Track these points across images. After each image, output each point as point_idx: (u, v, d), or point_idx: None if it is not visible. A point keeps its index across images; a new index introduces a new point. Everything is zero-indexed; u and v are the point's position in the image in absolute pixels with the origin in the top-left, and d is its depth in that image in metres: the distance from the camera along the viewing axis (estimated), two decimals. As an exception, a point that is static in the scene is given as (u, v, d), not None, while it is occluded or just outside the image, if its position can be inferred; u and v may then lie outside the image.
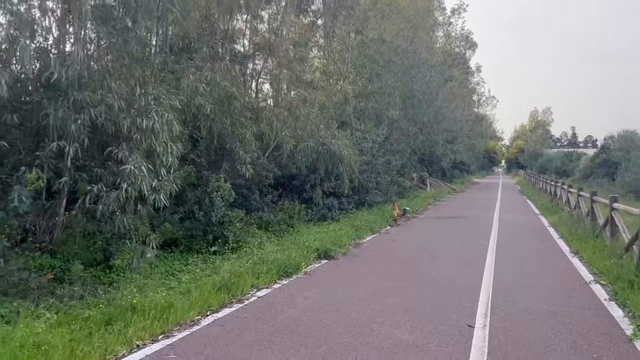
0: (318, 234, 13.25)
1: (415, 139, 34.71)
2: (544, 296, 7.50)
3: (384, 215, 17.69)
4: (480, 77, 62.35)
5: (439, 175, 45.96)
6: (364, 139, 20.35)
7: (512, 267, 9.69)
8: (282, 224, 14.68)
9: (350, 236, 13.20)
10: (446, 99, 41.09)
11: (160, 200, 8.27)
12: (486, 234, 14.37)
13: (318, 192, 15.80)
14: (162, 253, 10.83)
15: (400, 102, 30.78)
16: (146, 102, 8.48)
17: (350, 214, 17.37)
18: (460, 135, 51.06)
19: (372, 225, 15.43)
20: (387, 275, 8.87)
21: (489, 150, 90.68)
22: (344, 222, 15.47)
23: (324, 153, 15.34)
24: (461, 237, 13.97)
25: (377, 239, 13.64)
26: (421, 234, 14.71)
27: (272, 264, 8.93)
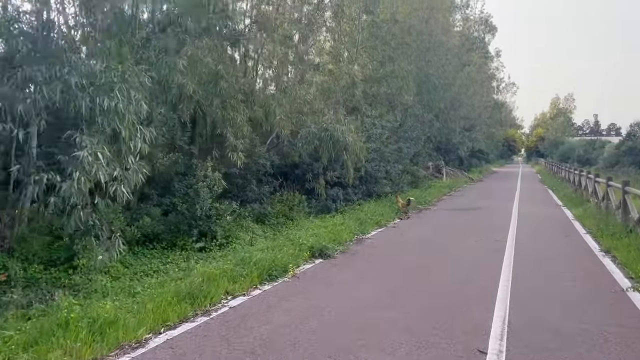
0: (318, 228, 12.08)
1: (431, 126, 33.26)
2: (574, 309, 6.22)
3: (393, 207, 16.42)
4: (500, 62, 60.11)
5: (456, 164, 44.35)
6: (373, 125, 19.02)
7: (533, 270, 8.40)
8: (281, 217, 13.55)
9: (353, 231, 12.00)
10: (464, 85, 39.39)
11: (123, 192, 7.13)
12: (504, 229, 13.04)
13: (321, 182, 14.60)
14: (141, 250, 9.81)
15: (415, 87, 29.38)
16: (108, 78, 7.34)
17: (356, 206, 16.16)
18: (479, 122, 49.25)
19: (379, 218, 14.18)
20: (387, 280, 7.66)
21: (508, 138, 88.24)
22: (349, 215, 14.26)
23: (327, 139, 14.10)
24: (476, 232, 12.67)
25: (382, 234, 12.41)
26: (432, 228, 13.44)
27: (255, 265, 7.78)
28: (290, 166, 15.59)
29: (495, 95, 63.24)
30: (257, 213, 13.19)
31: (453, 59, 33.91)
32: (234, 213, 11.72)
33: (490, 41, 54.83)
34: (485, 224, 14.07)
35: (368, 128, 18.46)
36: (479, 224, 14.25)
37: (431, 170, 36.79)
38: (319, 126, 14.39)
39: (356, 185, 16.92)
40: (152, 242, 10.17)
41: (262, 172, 13.67)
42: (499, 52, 58.79)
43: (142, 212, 10.23)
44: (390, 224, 14.09)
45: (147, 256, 9.61)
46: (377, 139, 18.46)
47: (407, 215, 16.03)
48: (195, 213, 10.16)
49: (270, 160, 13.94)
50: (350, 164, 14.29)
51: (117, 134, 7.53)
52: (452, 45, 34.73)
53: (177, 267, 8.72)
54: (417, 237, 11.89)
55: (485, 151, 56.79)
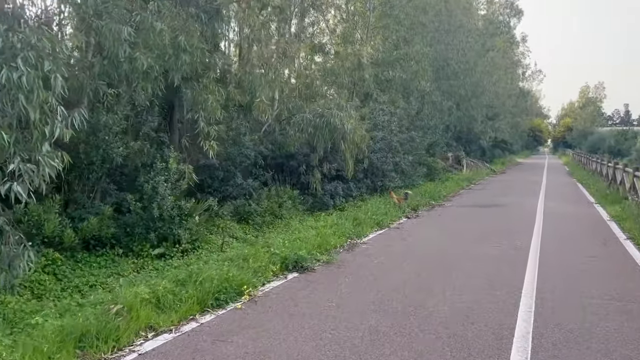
0: (306, 229, 10.35)
1: (450, 114, 31.11)
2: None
3: (403, 204, 14.56)
4: (526, 47, 57.06)
5: (477, 154, 42.04)
6: (381, 111, 17.10)
7: (564, 293, 6.51)
8: (268, 215, 11.84)
9: (346, 233, 10.21)
10: (486, 71, 37.01)
11: (20, 192, 5.46)
12: (527, 231, 11.10)
13: (316, 175, 12.82)
14: (86, 257, 8.21)
15: (432, 72, 27.35)
16: (5, 44, 5.67)
17: (359, 202, 14.37)
18: (503, 111, 46.72)
19: (382, 217, 12.32)
20: (369, 308, 5.85)
21: (534, 128, 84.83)
22: (348, 213, 12.49)
23: (322, 127, 12.29)
24: (494, 235, 10.76)
25: (381, 238, 10.58)
26: (442, 230, 11.54)
27: (201, 284, 6.07)
28: (286, 157, 13.84)
29: (521, 83, 60.33)
30: (241, 211, 11.51)
31: (475, 42, 31.59)
32: (206, 213, 10.05)
33: (515, 25, 52.09)
34: (506, 225, 12.11)
35: (375, 115, 16.55)
36: (498, 224, 12.30)
37: (451, 162, 34.71)
38: (315, 112, 12.60)
39: (360, 178, 15.11)
40: (105, 246, 8.58)
41: (248, 164, 11.94)
42: (525, 38, 55.95)
43: (91, 212, 8.61)
44: (394, 225, 12.23)
45: (92, 265, 8.02)
46: (386, 127, 16.55)
47: (416, 213, 14.15)
48: (153, 213, 8.50)
49: (256, 151, 12.21)
50: (349, 154, 12.46)
51: (25, 117, 5.87)
52: (474, 27, 32.28)
53: (118, 284, 7.08)
54: (422, 243, 10.03)
55: (509, 141, 54.04)
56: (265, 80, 9.69)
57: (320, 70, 17.03)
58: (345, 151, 12.25)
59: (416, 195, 16.61)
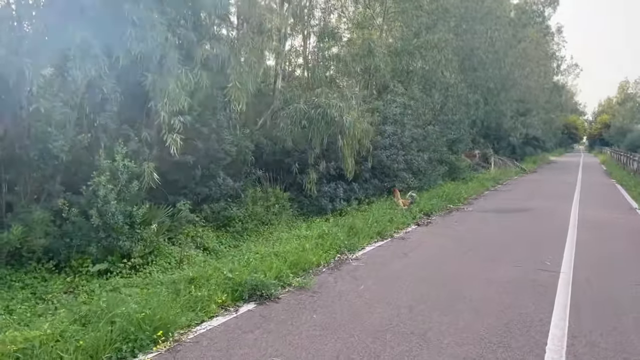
0: (289, 240, 8.74)
1: (477, 108, 28.92)
2: None
3: (410, 208, 12.78)
4: (562, 39, 53.80)
5: (507, 152, 39.64)
6: (392, 102, 15.30)
7: (607, 346, 4.70)
8: (252, 221, 10.27)
9: (336, 246, 8.52)
10: (517, 63, 34.58)
11: None
12: (557, 245, 9.22)
13: (311, 175, 11.15)
14: (9, 273, 6.83)
15: (457, 63, 25.32)
16: None
17: (364, 206, 12.67)
18: (535, 107, 44.03)
19: (385, 225, 10.57)
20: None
21: (568, 125, 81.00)
22: (347, 219, 10.80)
23: (317, 119, 10.62)
24: (516, 249, 8.91)
25: (379, 252, 8.84)
26: (455, 243, 9.73)
27: (103, 327, 4.50)
28: (281, 153, 12.24)
29: (556, 77, 57.15)
30: (221, 216, 9.97)
31: (504, 31, 29.27)
32: (170, 219, 8.52)
33: (550, 15, 49.00)
34: (532, 236, 10.22)
35: (386, 107, 14.75)
36: (522, 235, 10.41)
37: (477, 159, 32.60)
38: (310, 102, 10.94)
39: (366, 178, 13.37)
40: (40, 260, 7.16)
41: (230, 161, 10.36)
42: (561, 29, 52.77)
43: (22, 217, 7.17)
44: (399, 234, 10.46)
45: (12, 284, 6.61)
46: (399, 121, 14.73)
47: (429, 219, 12.35)
48: (91, 221, 7.00)
49: (241, 147, 10.63)
50: (348, 151, 10.74)
51: None
52: (503, 14, 29.85)
53: (29, 312, 5.63)
54: (426, 260, 8.26)
55: (542, 138, 51.07)
56: (236, 60, 8.05)
57: (328, 57, 15.30)
58: (343, 147, 10.54)
59: (431, 197, 14.78)
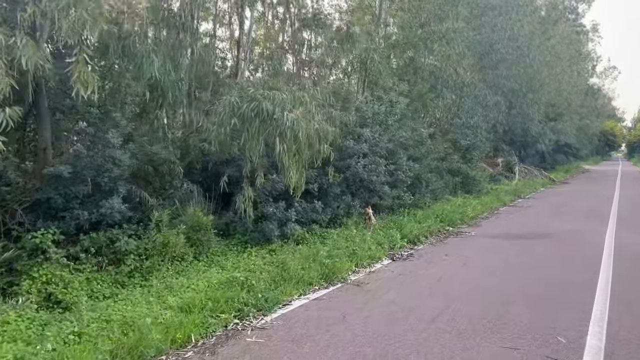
0: (180, 291, 5.95)
1: (499, 111, 25.55)
2: None
3: (389, 234, 9.82)
4: (598, 37, 49.51)
5: (535, 160, 36.02)
6: (378, 99, 12.36)
7: None
8: (157, 256, 7.52)
9: (239, 302, 5.67)
10: (546, 62, 31.09)
11: None
12: (583, 298, 6.16)
13: (246, 192, 8.30)
14: None
15: (474, 59, 22.27)
16: None
17: (329, 230, 9.79)
18: (568, 111, 40.20)
19: (343, 260, 7.66)
20: None
21: (605, 132, 75.84)
22: (288, 251, 7.96)
23: (251, 118, 7.79)
24: (519, 309, 5.88)
25: (305, 315, 5.85)
26: (430, 294, 6.73)
27: None
28: (223, 164, 9.53)
29: (591, 79, 52.81)
30: (107, 251, 7.26)
31: (528, 22, 25.92)
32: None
33: (584, 12, 45.13)
34: (547, 282, 7.12)
35: (367, 104, 11.77)
36: (534, 279, 7.31)
37: (500, 169, 29.30)
38: (244, 94, 8.15)
39: (336, 195, 10.45)
40: None
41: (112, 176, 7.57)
42: (596, 26, 48.70)
43: None
44: (358, 275, 7.51)
45: None
46: (382, 122, 11.74)
47: (412, 249, 9.36)
48: None
49: (147, 155, 7.90)
50: (290, 159, 7.82)
51: None
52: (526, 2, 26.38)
53: None
54: (372, 330, 5.31)
55: (575, 146, 46.90)
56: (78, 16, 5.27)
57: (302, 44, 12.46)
58: (282, 154, 7.66)
59: (425, 218, 11.77)
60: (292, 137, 7.73)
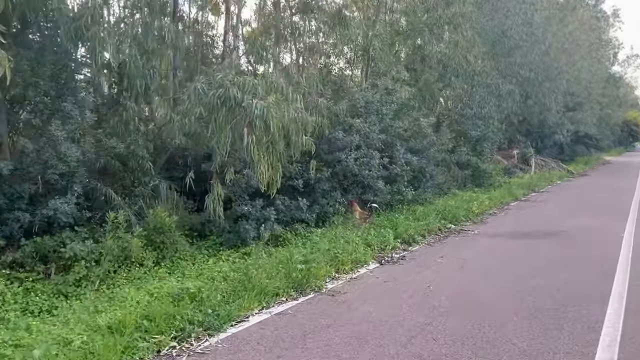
0: (121, 305, 5.16)
1: (513, 100, 24.30)
2: None
3: (380, 233, 8.92)
4: (619, 23, 47.42)
5: (553, 152, 34.54)
6: (372, 87, 11.43)
7: None
8: (113, 263, 6.78)
9: (185, 319, 4.87)
10: (563, 49, 29.71)
11: None
12: (594, 314, 5.22)
13: (215, 190, 7.48)
14: None
15: (485, 45, 21.14)
16: None
17: (314, 231, 8.95)
18: (588, 100, 38.56)
19: (321, 265, 6.82)
20: None
21: (628, 122, 73.26)
22: (278, 252, 7.18)
23: (217, 106, 6.97)
24: (518, 326, 4.97)
25: (260, 334, 4.99)
26: (412, 305, 5.85)
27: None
28: (200, 159, 8.76)
29: (612, 67, 50.78)
30: (54, 257, 6.53)
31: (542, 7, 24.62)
32: None
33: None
34: (551, 291, 6.17)
35: (360, 95, 10.83)
36: (536, 289, 6.35)
37: (516, 161, 28.11)
38: (212, 80, 7.33)
39: (325, 191, 9.59)
40: None
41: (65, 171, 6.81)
42: (617, 12, 46.72)
43: None
44: (337, 282, 6.65)
45: None
46: (377, 111, 10.80)
47: (406, 251, 8.46)
48: None
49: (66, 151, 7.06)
50: (259, 153, 6.98)
51: None
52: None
53: None
54: (334, 356, 4.46)
55: (596, 136, 45.09)
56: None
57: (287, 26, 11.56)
58: (251, 147, 6.81)
59: (426, 214, 10.84)
60: (262, 128, 6.88)
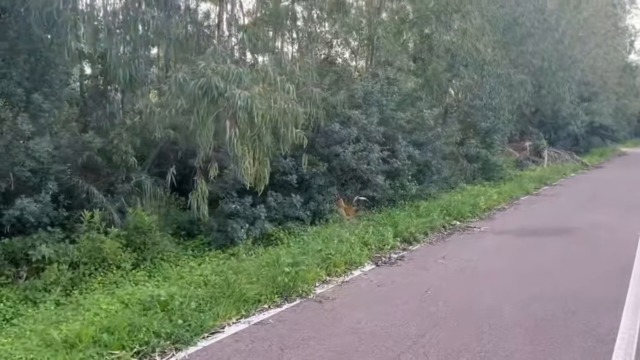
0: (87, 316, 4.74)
1: (525, 90, 23.52)
2: None
3: (379, 231, 8.41)
4: (636, 10, 45.95)
5: (567, 143, 33.56)
6: (373, 76, 10.88)
7: None
8: (90, 265, 6.38)
9: (149, 334, 4.42)
10: (577, 37, 28.80)
11: None
12: (607, 324, 4.68)
13: (199, 187, 7.02)
14: None
15: (496, 34, 20.37)
16: None
17: (309, 229, 8.48)
18: (603, 90, 37.47)
19: (311, 267, 6.34)
20: None
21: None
22: (269, 252, 6.73)
23: (199, 97, 6.49)
24: (519, 339, 4.45)
25: (232, 348, 4.61)
26: (412, 311, 5.36)
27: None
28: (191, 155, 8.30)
29: (629, 55, 49.30)
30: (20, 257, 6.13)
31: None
32: None
33: (621, -17, 41.88)
34: (559, 297, 5.62)
35: (359, 86, 10.27)
36: (543, 294, 5.81)
37: (528, 153, 27.37)
38: (194, 70, 6.85)
39: (320, 187, 9.10)
40: None
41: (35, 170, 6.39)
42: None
43: None
44: (326, 287, 6.17)
45: None
46: (377, 102, 10.25)
47: (405, 250, 7.95)
48: None
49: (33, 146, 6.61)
50: (243, 147, 6.50)
51: None
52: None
53: None
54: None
55: (612, 127, 43.86)
56: None
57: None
58: (234, 140, 6.33)
59: (430, 210, 10.30)
60: (246, 120, 6.40)
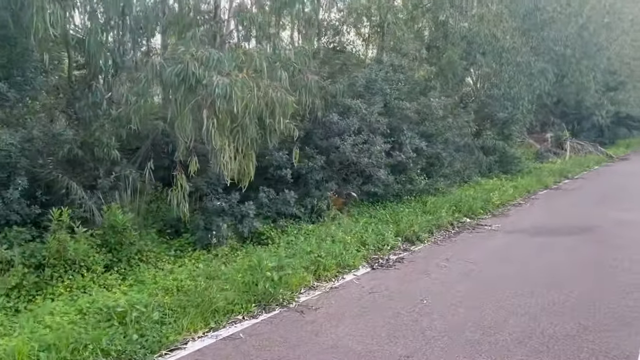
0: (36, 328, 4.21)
1: (546, 79, 22.46)
2: None
3: (379, 230, 7.79)
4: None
5: (591, 135, 32.28)
6: (377, 63, 10.20)
7: None
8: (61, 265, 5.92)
9: (90, 352, 3.90)
10: (603, 23, 27.59)
11: None
12: (627, 348, 4.01)
13: (178, 183, 6.46)
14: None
15: (516, 20, 19.50)
16: None
17: (305, 227, 7.90)
18: (631, 79, 35.93)
19: (293, 275, 5.76)
20: None
21: (675, 101, 69.21)
22: (255, 253, 6.20)
23: (176, 84, 5.93)
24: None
25: None
26: (403, 326, 4.74)
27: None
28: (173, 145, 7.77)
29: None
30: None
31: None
32: None
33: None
34: (572, 311, 4.94)
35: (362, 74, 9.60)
36: (553, 307, 5.13)
37: (549, 144, 26.31)
38: (172, 56, 6.31)
39: (317, 182, 8.48)
40: None
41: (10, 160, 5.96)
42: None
43: None
44: (313, 294, 5.58)
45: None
46: (381, 90, 9.56)
47: (409, 249, 7.32)
48: None
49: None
50: (222, 139, 5.92)
51: None
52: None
53: None
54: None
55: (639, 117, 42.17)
56: None
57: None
58: (211, 132, 5.74)
59: (438, 206, 9.61)
60: (225, 109, 5.82)
